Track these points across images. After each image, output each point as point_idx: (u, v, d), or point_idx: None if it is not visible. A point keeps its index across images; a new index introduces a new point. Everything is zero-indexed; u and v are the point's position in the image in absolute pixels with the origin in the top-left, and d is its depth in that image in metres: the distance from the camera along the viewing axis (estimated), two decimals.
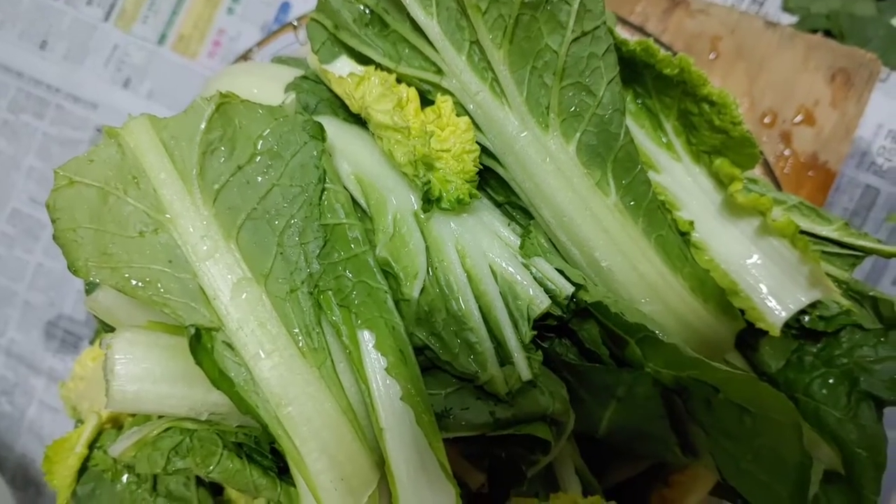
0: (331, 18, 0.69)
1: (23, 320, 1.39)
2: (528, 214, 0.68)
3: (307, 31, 0.71)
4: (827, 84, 1.17)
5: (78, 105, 1.40)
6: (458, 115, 0.64)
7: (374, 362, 0.58)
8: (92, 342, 0.89)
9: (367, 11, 0.67)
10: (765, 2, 1.32)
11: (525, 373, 0.59)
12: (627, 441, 0.71)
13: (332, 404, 0.57)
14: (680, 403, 0.69)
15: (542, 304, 0.61)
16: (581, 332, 0.66)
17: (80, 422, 0.81)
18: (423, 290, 0.59)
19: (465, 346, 0.59)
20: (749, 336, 0.77)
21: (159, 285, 0.57)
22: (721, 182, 0.74)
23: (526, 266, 0.62)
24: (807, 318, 0.76)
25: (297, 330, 0.58)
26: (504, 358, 0.60)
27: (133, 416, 0.80)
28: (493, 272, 0.61)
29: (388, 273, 0.59)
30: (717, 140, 0.71)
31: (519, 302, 0.60)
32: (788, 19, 1.30)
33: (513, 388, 0.59)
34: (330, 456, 0.56)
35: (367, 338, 0.59)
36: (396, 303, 0.59)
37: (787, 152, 1.18)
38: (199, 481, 0.77)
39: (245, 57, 1.05)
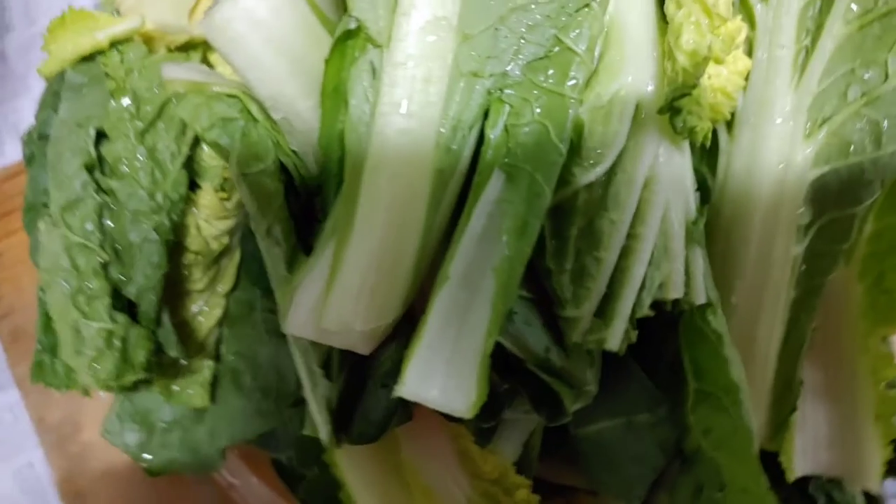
0: None
1: None
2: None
3: None
4: None
5: None
6: None
7: (487, 207, 0.47)
8: None
9: None
10: None
11: (614, 342, 0.49)
12: (596, 458, 0.64)
13: (419, 222, 0.46)
14: (676, 469, 0.61)
15: (677, 291, 0.51)
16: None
17: (116, 12, 0.67)
18: (590, 184, 0.48)
19: (579, 269, 0.49)
20: None
21: None
22: None
23: (688, 242, 0.52)
24: None
25: (445, 119, 0.46)
26: (599, 311, 0.50)
27: (173, 50, 0.66)
28: (662, 218, 0.50)
29: (573, 139, 0.48)
30: None
31: (656, 273, 0.50)
32: None
33: (587, 346, 0.49)
34: (381, 255, 0.45)
35: (496, 185, 0.47)
36: (561, 178, 0.48)
37: None
38: (188, 163, 0.65)
39: None
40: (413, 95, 0.45)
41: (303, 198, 0.53)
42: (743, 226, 0.56)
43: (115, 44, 0.62)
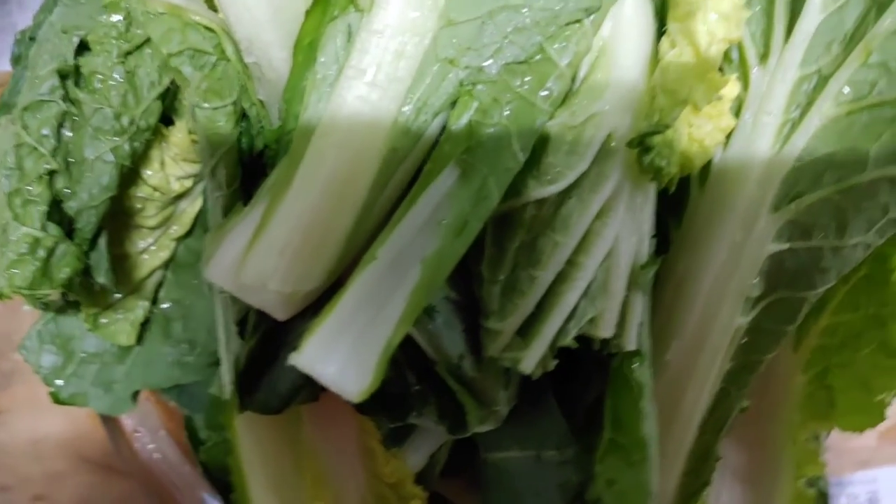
0: None
1: None
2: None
3: None
4: None
5: None
6: None
7: (433, 199, 0.46)
8: None
9: None
10: None
11: (529, 364, 0.48)
12: (497, 485, 0.62)
13: (360, 194, 0.45)
14: None
15: (607, 331, 0.50)
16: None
17: None
18: (542, 200, 0.47)
19: (512, 282, 0.48)
20: None
21: None
22: None
23: (632, 286, 0.51)
24: None
25: (410, 98, 0.45)
26: (522, 330, 0.49)
27: None
28: (608, 252, 0.49)
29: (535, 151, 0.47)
30: None
31: (596, 303, 0.49)
32: None
33: (502, 362, 0.48)
34: (312, 220, 0.44)
35: (447, 179, 0.46)
36: (515, 187, 0.46)
37: None
38: (164, 96, 0.64)
39: None
40: (381, 66, 0.44)
41: (258, 150, 0.52)
42: (693, 284, 0.54)
43: None
